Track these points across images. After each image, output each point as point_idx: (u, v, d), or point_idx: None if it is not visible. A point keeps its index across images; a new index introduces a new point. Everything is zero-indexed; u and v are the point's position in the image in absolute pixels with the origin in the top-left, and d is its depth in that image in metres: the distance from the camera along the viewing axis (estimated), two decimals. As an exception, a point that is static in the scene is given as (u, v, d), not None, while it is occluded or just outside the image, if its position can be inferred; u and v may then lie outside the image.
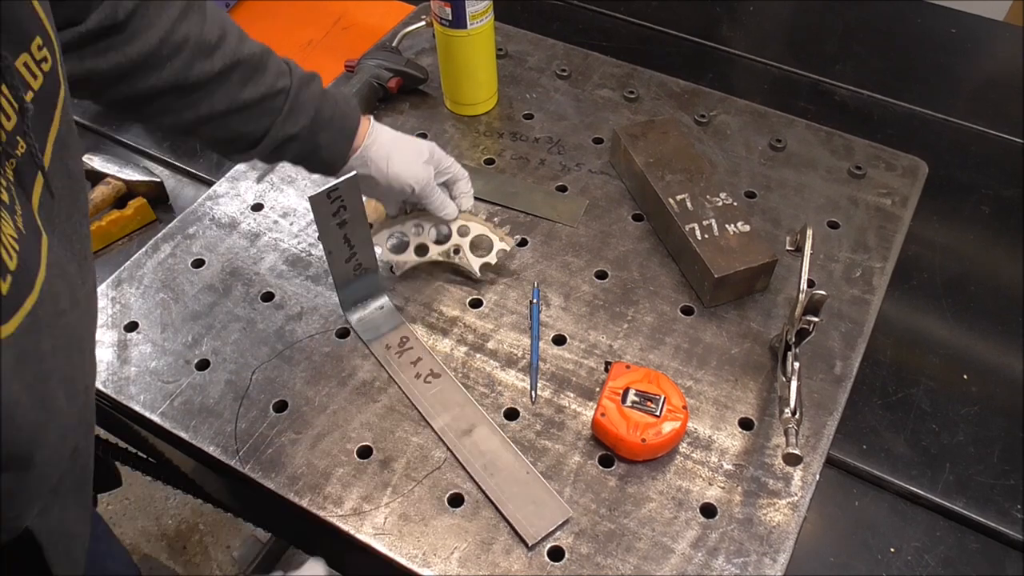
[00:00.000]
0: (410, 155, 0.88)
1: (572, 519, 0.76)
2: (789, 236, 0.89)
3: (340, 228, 0.84)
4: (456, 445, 0.81)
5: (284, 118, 0.80)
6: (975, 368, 0.92)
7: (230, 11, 1.38)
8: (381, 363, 0.88)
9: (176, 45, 0.72)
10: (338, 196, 0.80)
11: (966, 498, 0.81)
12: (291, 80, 0.81)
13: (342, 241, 0.85)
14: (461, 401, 0.84)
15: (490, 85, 1.16)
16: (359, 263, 0.89)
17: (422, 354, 0.88)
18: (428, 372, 0.87)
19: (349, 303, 0.92)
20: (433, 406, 0.84)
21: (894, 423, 0.87)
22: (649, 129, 1.05)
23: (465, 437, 0.81)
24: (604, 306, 0.94)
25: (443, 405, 0.84)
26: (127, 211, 1.05)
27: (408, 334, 0.90)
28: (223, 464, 0.81)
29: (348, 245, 0.86)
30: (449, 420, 0.83)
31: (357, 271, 0.89)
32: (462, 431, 0.82)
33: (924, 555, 0.78)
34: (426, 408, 0.84)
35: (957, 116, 1.20)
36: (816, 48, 1.33)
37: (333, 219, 0.82)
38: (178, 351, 0.90)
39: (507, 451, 0.81)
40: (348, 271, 0.89)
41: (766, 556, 0.74)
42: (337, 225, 0.83)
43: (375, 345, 0.89)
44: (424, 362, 0.88)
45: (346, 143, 0.86)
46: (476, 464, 0.79)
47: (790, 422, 0.75)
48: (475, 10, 1.05)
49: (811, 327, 0.80)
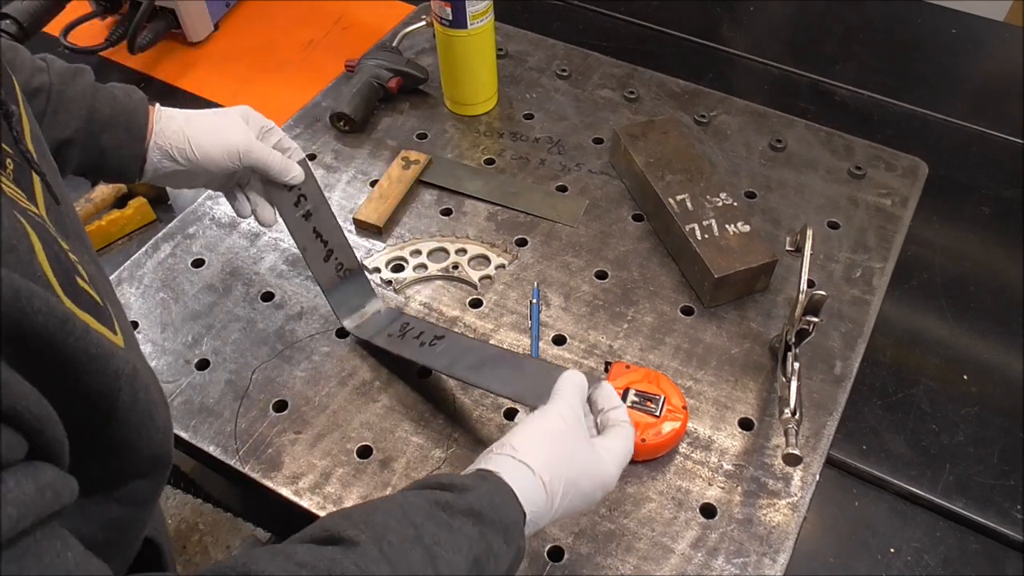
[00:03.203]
0: (215, 126, 0.77)
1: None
2: (789, 236, 0.89)
3: (307, 220, 0.83)
4: (477, 379, 0.78)
5: (49, 121, 0.71)
6: (975, 368, 0.92)
7: (230, 11, 1.38)
8: (387, 349, 0.85)
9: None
10: (294, 185, 0.80)
11: (966, 498, 0.81)
12: (49, 77, 0.71)
13: (313, 235, 0.84)
14: (472, 345, 0.82)
15: (490, 85, 1.16)
16: (340, 263, 0.87)
17: (423, 328, 0.86)
18: (432, 338, 0.84)
19: (343, 310, 0.90)
20: (447, 360, 0.80)
21: (894, 423, 0.87)
22: (649, 129, 1.05)
23: (483, 368, 0.78)
24: (604, 306, 0.94)
25: (458, 355, 0.81)
26: (127, 211, 1.05)
27: (409, 320, 0.89)
28: (223, 464, 0.81)
29: (321, 240, 0.84)
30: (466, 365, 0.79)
31: (340, 272, 0.88)
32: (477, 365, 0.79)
33: (924, 555, 0.78)
34: (442, 365, 0.81)
35: (957, 116, 1.20)
36: (816, 48, 1.33)
37: (296, 210, 0.81)
38: (178, 351, 0.90)
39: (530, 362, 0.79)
40: (331, 272, 0.87)
41: (766, 556, 0.74)
42: (303, 217, 0.82)
43: (378, 339, 0.88)
44: (426, 333, 0.85)
45: (137, 143, 0.75)
46: (503, 390, 0.76)
47: (790, 422, 0.75)
48: (475, 10, 1.05)
49: (811, 327, 0.80)
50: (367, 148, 1.13)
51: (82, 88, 0.73)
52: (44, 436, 0.40)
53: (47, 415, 0.40)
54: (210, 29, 1.34)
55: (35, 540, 0.38)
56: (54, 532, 0.40)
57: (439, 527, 0.53)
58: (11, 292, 0.38)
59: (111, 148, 0.74)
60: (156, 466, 0.54)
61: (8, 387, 0.37)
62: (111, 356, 0.45)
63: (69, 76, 0.72)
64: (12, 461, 0.37)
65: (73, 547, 0.40)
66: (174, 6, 1.27)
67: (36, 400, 0.39)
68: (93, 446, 0.48)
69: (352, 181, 1.08)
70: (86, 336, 0.43)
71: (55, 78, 0.71)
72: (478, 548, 0.53)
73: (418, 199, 1.06)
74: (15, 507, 0.36)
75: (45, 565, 0.38)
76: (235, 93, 1.25)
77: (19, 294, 0.39)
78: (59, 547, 0.39)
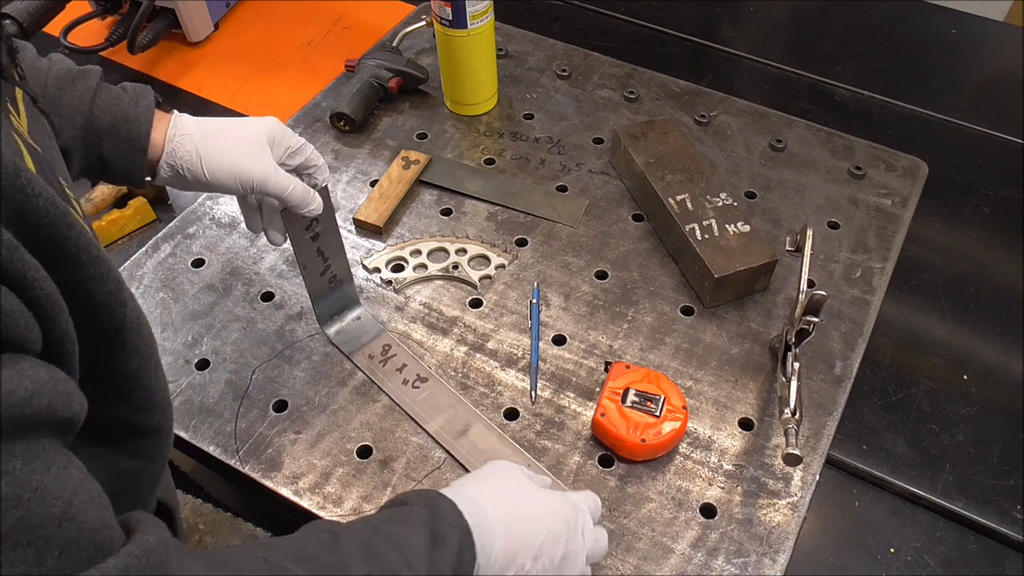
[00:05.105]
0: (231, 151, 0.71)
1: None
2: (789, 236, 0.89)
3: (314, 241, 0.82)
4: (454, 447, 0.81)
5: None
6: (975, 368, 0.92)
7: (230, 11, 1.38)
8: (367, 374, 0.87)
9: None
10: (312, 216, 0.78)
11: (966, 498, 0.81)
12: (45, 81, 0.68)
13: (316, 255, 0.84)
14: (452, 402, 0.84)
15: (490, 85, 1.16)
16: (334, 275, 0.88)
17: (407, 360, 0.88)
18: (415, 377, 0.86)
19: (325, 317, 0.91)
20: (425, 410, 0.83)
21: (894, 423, 0.87)
22: (649, 129, 1.05)
23: (462, 437, 0.81)
24: (604, 306, 0.94)
25: (435, 408, 0.84)
26: (127, 211, 1.05)
27: (390, 341, 0.89)
28: (223, 464, 0.81)
29: (322, 258, 0.84)
30: (443, 423, 0.83)
31: (332, 283, 0.88)
32: (458, 432, 0.82)
33: (924, 555, 0.78)
34: (418, 413, 0.83)
35: (957, 116, 1.20)
36: (816, 48, 1.33)
37: (306, 233, 0.80)
38: (178, 351, 0.90)
39: (505, 447, 0.81)
40: (323, 284, 0.88)
41: (766, 556, 0.74)
42: (311, 238, 0.82)
43: (358, 357, 0.88)
44: (410, 368, 0.87)
45: (138, 155, 0.70)
46: (476, 463, 0.79)
47: (790, 422, 0.75)
48: (475, 10, 1.05)
49: (811, 327, 0.80)
50: (367, 148, 1.13)
51: (80, 94, 0.69)
52: (56, 323, 0.39)
53: (55, 298, 0.39)
54: (210, 29, 1.34)
55: (44, 448, 0.38)
56: (60, 449, 0.40)
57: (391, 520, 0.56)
58: (12, 169, 0.37)
59: (112, 157, 0.70)
60: (162, 417, 0.55)
61: (9, 249, 0.36)
62: (112, 266, 0.45)
63: (68, 81, 0.69)
64: (22, 338, 0.37)
65: (77, 466, 0.41)
66: (174, 6, 1.27)
67: (45, 278, 0.38)
68: (106, 376, 0.48)
69: (352, 181, 1.08)
70: (86, 236, 0.42)
71: (51, 82, 0.68)
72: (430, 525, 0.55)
73: (418, 199, 1.06)
74: (31, 382, 0.37)
75: (53, 475, 0.38)
76: (235, 93, 1.25)
77: (20, 173, 0.38)
78: (64, 462, 0.40)
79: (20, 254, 0.37)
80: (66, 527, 0.38)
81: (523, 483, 0.64)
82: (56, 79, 0.68)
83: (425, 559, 0.53)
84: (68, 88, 0.68)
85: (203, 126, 0.72)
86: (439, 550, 0.54)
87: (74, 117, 0.68)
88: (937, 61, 1.31)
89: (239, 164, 0.71)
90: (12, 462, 0.36)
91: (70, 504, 0.38)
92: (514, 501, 0.62)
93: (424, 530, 0.54)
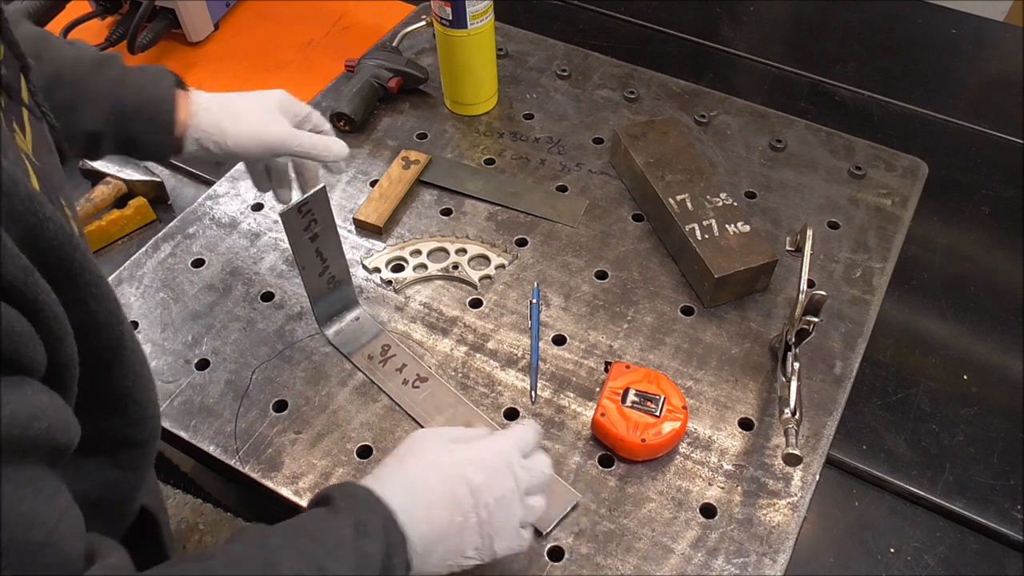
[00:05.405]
0: (253, 119, 0.78)
1: (580, 503, 0.77)
2: (789, 236, 0.89)
3: (312, 242, 0.82)
4: None
5: (75, 113, 0.71)
6: (975, 368, 0.92)
7: (230, 11, 1.38)
8: (367, 375, 0.87)
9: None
10: (308, 210, 0.78)
11: (966, 498, 0.81)
12: (75, 68, 0.72)
13: (314, 255, 0.83)
14: (453, 402, 0.84)
15: (490, 85, 1.16)
16: (332, 275, 0.87)
17: (406, 360, 0.88)
18: (415, 377, 0.86)
19: (324, 317, 0.91)
20: (426, 410, 0.84)
21: (894, 423, 0.87)
22: (649, 129, 1.05)
23: None
24: (604, 306, 0.94)
25: (436, 408, 0.84)
26: (127, 211, 1.05)
27: (389, 342, 0.89)
28: (223, 464, 0.81)
29: (321, 259, 0.84)
30: (443, 423, 0.83)
31: (331, 284, 0.88)
32: None
33: (924, 555, 0.78)
34: (418, 413, 0.83)
35: (957, 116, 1.21)
36: (816, 48, 1.33)
37: (305, 234, 0.80)
38: (178, 351, 0.90)
39: None
40: (322, 285, 0.87)
41: (766, 556, 0.74)
42: (309, 239, 0.81)
43: (357, 357, 0.88)
44: (410, 368, 0.87)
45: (164, 135, 0.75)
46: None
47: (790, 422, 0.75)
48: (475, 10, 1.05)
49: (811, 327, 0.80)
50: (367, 148, 1.13)
51: (108, 79, 0.73)
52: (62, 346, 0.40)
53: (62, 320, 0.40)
54: (210, 29, 1.34)
55: (36, 474, 0.39)
56: (51, 475, 0.41)
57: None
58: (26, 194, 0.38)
59: (141, 137, 0.75)
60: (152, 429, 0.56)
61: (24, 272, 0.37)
62: (110, 288, 0.46)
63: (96, 67, 0.73)
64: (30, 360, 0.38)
65: (64, 494, 0.42)
66: (174, 6, 1.27)
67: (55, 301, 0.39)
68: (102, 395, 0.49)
69: (352, 181, 1.08)
70: (89, 259, 0.43)
71: (80, 69, 0.72)
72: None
73: (418, 199, 1.06)
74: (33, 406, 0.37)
75: (41, 501, 0.39)
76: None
77: (33, 198, 0.39)
78: (53, 489, 0.40)
79: (35, 277, 0.38)
80: (47, 553, 0.38)
81: (437, 447, 0.65)
82: (85, 65, 0.72)
83: (351, 548, 0.54)
84: (95, 74, 0.72)
85: (220, 101, 0.79)
86: (363, 538, 0.55)
87: (104, 102, 0.72)
88: (937, 61, 1.31)
89: (262, 131, 0.77)
90: (6, 485, 0.36)
91: (53, 531, 0.39)
92: (428, 466, 0.63)
93: (348, 521, 0.56)
